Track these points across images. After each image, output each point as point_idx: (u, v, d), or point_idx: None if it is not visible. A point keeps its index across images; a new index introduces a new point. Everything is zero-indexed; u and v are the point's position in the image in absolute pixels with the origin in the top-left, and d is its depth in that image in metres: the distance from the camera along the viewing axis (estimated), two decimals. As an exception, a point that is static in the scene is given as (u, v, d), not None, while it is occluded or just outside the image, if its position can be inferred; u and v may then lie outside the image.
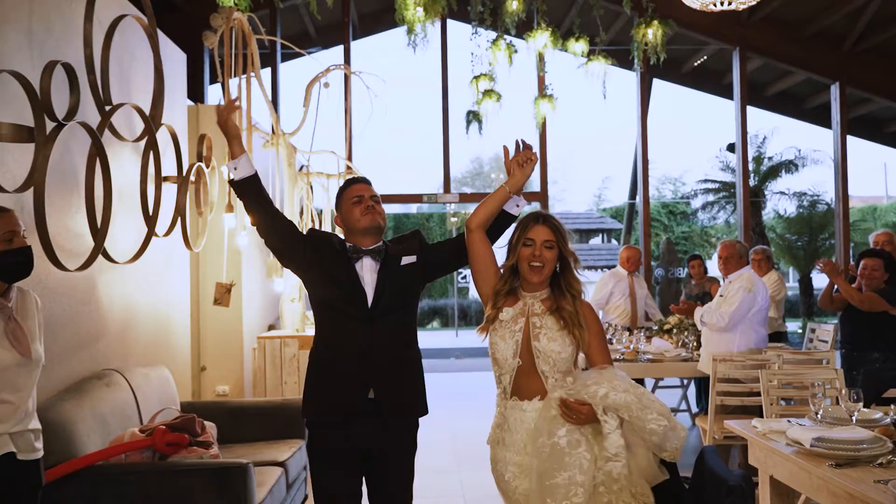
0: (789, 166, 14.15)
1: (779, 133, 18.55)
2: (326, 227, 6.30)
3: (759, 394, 3.94)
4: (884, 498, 2.06)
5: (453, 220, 21.11)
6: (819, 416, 2.74)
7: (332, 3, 6.14)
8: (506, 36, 8.04)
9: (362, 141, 6.88)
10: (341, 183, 6.18)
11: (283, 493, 3.62)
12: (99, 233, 3.14)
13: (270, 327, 6.55)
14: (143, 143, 3.77)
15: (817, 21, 10.00)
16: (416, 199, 11.05)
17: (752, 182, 13.99)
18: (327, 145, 5.98)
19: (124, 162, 3.82)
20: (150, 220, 3.70)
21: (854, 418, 2.67)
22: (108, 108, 3.27)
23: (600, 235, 22.75)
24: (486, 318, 2.44)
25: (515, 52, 7.92)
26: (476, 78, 8.70)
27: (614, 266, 6.68)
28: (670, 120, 35.40)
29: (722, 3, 4.62)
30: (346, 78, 7.40)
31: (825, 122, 11.35)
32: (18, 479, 2.27)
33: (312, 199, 6.26)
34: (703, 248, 19.73)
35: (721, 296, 4.58)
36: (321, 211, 6.50)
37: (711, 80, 12.30)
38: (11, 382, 2.23)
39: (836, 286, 4.64)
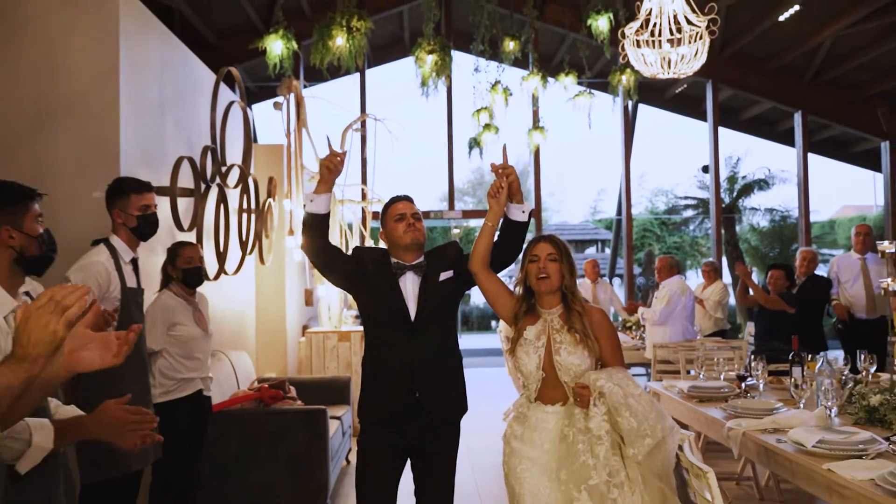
0: (761, 184, 15.49)
1: (752, 154, 19.65)
2: (354, 239, 7.76)
3: (688, 372, 5.37)
4: (717, 414, 3.50)
5: (455, 231, 22.48)
6: (701, 376, 4.18)
7: (362, 61, 7.52)
8: (501, 65, 9.24)
9: (375, 165, 8.26)
10: (366, 207, 7.71)
11: (341, 438, 5.06)
12: (221, 255, 4.59)
13: (304, 327, 7.96)
14: (238, 187, 5.22)
15: (780, 57, 11.24)
16: (423, 215, 12.16)
17: (727, 199, 15.24)
18: (352, 174, 7.36)
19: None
20: (244, 244, 5.15)
21: (722, 377, 4.11)
22: (223, 168, 4.71)
23: (595, 246, 23.97)
24: (511, 341, 2.61)
25: (511, 94, 9.29)
26: (477, 111, 10.07)
27: (604, 275, 8.12)
28: (663, 128, 36.63)
29: (666, 74, 6.03)
30: (363, 123, 8.79)
31: (793, 144, 12.44)
32: (202, 407, 3.73)
33: (345, 220, 7.71)
34: (693, 256, 20.44)
35: (657, 298, 6.10)
36: (350, 225, 7.93)
37: (691, 106, 13.40)
38: (200, 347, 3.68)
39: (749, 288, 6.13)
